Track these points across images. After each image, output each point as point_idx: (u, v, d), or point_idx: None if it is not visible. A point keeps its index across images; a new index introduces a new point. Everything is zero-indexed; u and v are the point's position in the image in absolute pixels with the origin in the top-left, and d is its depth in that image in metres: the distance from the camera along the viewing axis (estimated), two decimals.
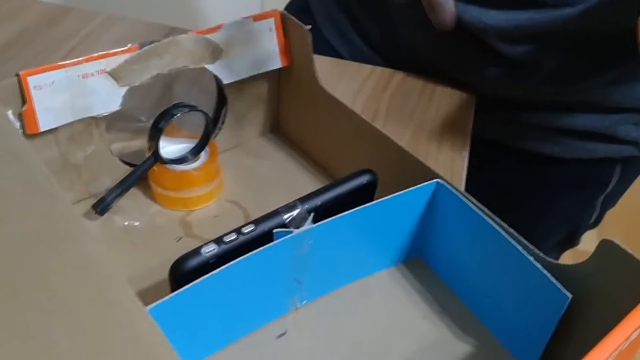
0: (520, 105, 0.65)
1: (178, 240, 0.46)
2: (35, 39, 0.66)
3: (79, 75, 0.41)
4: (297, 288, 0.40)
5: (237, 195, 0.50)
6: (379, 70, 0.68)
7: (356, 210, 0.38)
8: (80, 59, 0.41)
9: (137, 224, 0.47)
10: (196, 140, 0.48)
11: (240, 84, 0.50)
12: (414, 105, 0.64)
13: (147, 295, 0.40)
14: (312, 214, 0.38)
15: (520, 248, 0.36)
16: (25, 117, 0.40)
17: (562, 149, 0.66)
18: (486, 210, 0.39)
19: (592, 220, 0.75)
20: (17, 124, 0.41)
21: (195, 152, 0.48)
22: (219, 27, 0.46)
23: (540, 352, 0.38)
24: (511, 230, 0.37)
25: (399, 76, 0.67)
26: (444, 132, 0.60)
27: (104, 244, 0.45)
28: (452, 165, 0.57)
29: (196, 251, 0.35)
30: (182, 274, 0.34)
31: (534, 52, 0.57)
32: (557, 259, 0.77)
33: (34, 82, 0.40)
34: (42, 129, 0.41)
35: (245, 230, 0.36)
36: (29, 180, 0.33)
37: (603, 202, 0.72)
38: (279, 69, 0.51)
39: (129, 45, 0.43)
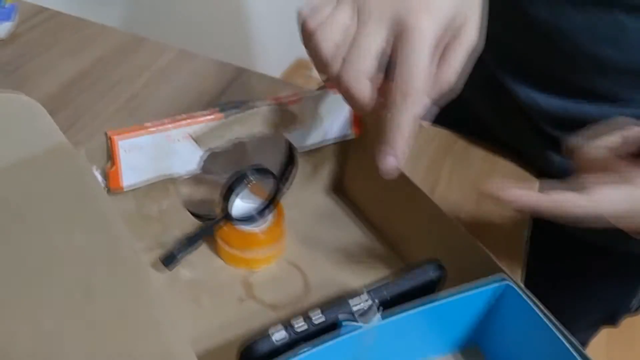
0: None
1: (240, 302, 0.47)
2: (108, 70, 0.68)
3: (164, 139, 0.43)
4: None
5: (298, 258, 0.51)
6: (444, 133, 0.68)
7: (425, 308, 0.38)
8: (168, 124, 0.43)
9: (201, 278, 0.48)
10: (263, 200, 0.49)
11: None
12: (476, 172, 0.64)
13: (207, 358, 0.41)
14: (380, 306, 0.38)
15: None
16: (111, 175, 0.42)
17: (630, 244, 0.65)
18: (552, 318, 0.39)
19: (634, 306, 0.73)
20: (101, 180, 0.42)
21: (263, 212, 0.49)
22: (299, 99, 0.47)
23: None
24: (577, 344, 0.37)
25: (461, 142, 0.67)
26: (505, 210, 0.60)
27: (170, 298, 0.46)
28: (511, 244, 0.56)
29: (266, 337, 0.35)
30: (252, 358, 0.35)
31: None
32: (593, 334, 0.76)
33: (124, 146, 0.41)
34: (125, 187, 0.43)
35: (315, 320, 0.37)
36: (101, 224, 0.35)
37: None
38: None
39: (213, 115, 0.44)
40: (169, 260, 0.47)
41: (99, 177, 0.42)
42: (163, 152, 0.43)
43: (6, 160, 0.38)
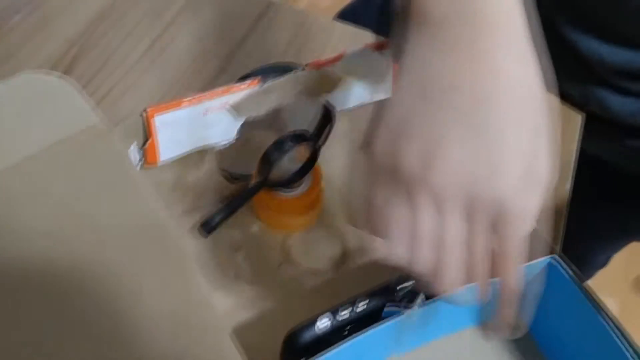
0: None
1: (279, 267, 0.47)
2: (129, 7, 0.65)
3: (200, 112, 0.41)
4: (394, 346, 0.41)
5: (336, 220, 0.50)
6: None
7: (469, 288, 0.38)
8: (205, 95, 0.41)
9: (239, 244, 0.48)
10: (301, 162, 0.48)
11: None
12: None
13: (246, 329, 0.42)
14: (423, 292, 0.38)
15: (623, 347, 0.36)
16: (148, 150, 0.41)
17: None
18: (597, 298, 0.38)
19: None
20: (138, 157, 0.41)
21: (300, 176, 0.48)
22: (338, 58, 0.45)
23: None
24: (620, 325, 0.37)
25: None
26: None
27: (209, 262, 0.47)
28: (554, 199, 0.55)
29: (311, 325, 0.36)
30: (295, 346, 0.36)
31: None
32: (621, 249, 0.77)
33: (159, 121, 0.40)
34: (161, 161, 0.42)
35: (359, 307, 0.37)
36: (141, 212, 0.34)
37: None
38: None
39: (250, 80, 0.42)
40: (207, 227, 0.47)
41: (136, 154, 0.41)
42: (200, 125, 0.42)
43: (40, 144, 0.37)
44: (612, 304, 1.12)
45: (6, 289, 0.32)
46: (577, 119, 0.61)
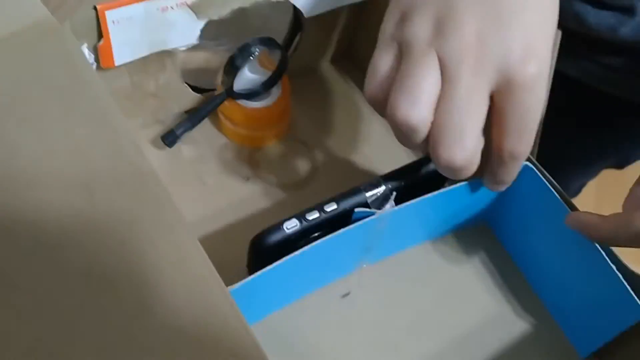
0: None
1: (246, 180, 0.45)
2: None
3: (158, 9, 0.38)
4: (366, 253, 0.40)
5: (305, 133, 0.49)
6: None
7: (440, 193, 0.37)
8: None
9: (205, 157, 0.46)
10: (268, 72, 0.46)
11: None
12: None
13: (215, 240, 0.41)
14: (394, 194, 0.37)
15: (603, 253, 0.36)
16: (101, 51, 0.38)
17: None
18: (570, 201, 0.38)
19: None
20: (92, 58, 0.38)
21: (268, 86, 0.46)
22: None
23: (596, 348, 0.39)
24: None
25: None
26: None
27: (173, 177, 0.45)
28: None
29: (279, 227, 0.34)
30: (263, 248, 0.34)
31: None
32: (595, 176, 0.78)
33: (112, 16, 0.37)
34: (117, 63, 0.39)
35: (328, 209, 0.35)
36: (96, 114, 0.32)
37: None
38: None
39: None
40: (169, 137, 0.44)
41: (88, 54, 0.38)
42: (157, 24, 0.39)
43: None
44: None
45: None
46: (556, 34, 0.59)
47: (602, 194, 1.04)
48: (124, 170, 0.31)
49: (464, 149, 0.30)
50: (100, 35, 0.38)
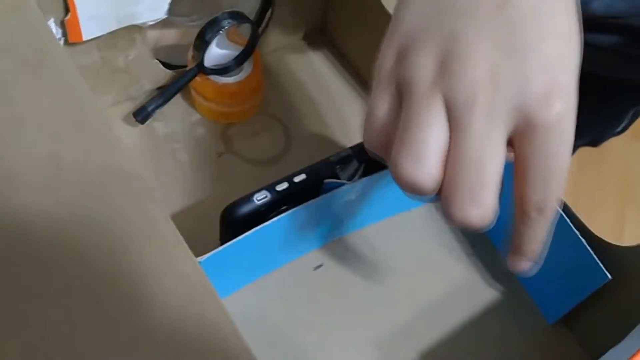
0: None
1: (219, 157, 0.46)
2: None
3: None
4: (337, 225, 0.41)
5: (278, 109, 0.49)
6: None
7: None
8: None
9: (177, 133, 0.46)
10: (239, 47, 0.46)
11: None
12: None
13: (187, 216, 0.41)
14: (363, 165, 0.37)
15: (568, 220, 0.36)
16: (69, 26, 0.38)
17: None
18: None
19: (619, 130, 0.74)
20: (59, 33, 0.38)
21: (239, 62, 0.46)
22: None
23: (563, 314, 0.40)
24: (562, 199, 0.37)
25: None
26: None
27: (146, 153, 0.45)
28: None
29: (249, 198, 0.35)
30: (233, 219, 0.35)
31: None
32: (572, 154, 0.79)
33: None
34: (85, 38, 0.39)
35: (297, 179, 0.36)
36: (62, 87, 0.32)
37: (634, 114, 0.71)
38: None
39: None
40: (141, 114, 0.44)
41: (55, 29, 0.38)
42: None
43: None
44: None
45: None
46: None
47: (581, 170, 1.06)
48: (92, 141, 0.31)
49: (480, 207, 0.26)
50: (67, 9, 0.37)
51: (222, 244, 0.38)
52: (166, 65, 0.46)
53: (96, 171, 0.31)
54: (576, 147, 0.78)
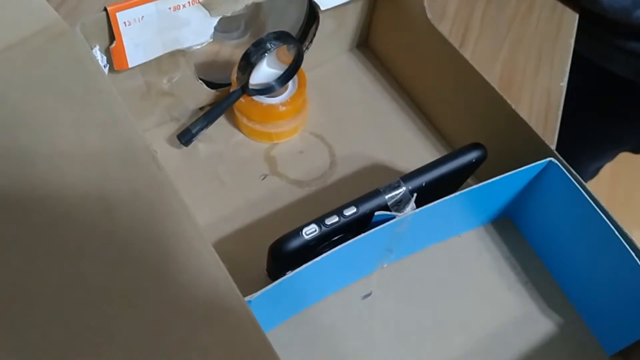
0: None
1: (263, 179, 0.45)
2: None
3: (169, 8, 0.37)
4: (386, 255, 0.40)
5: (322, 128, 0.48)
6: None
7: (462, 194, 0.36)
8: None
9: (221, 154, 0.45)
10: (284, 66, 0.45)
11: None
12: (511, 15, 0.58)
13: (230, 241, 0.40)
14: (414, 195, 0.36)
15: (630, 250, 0.35)
16: (114, 53, 0.37)
17: None
18: (597, 198, 0.37)
19: None
20: (104, 60, 0.38)
21: (283, 81, 0.45)
22: None
23: (624, 346, 0.38)
24: (619, 225, 0.35)
25: None
26: (543, 51, 0.55)
27: (190, 175, 0.44)
28: (549, 97, 0.53)
29: (298, 232, 0.34)
30: (282, 254, 0.34)
31: None
32: (612, 159, 0.77)
33: (123, 17, 0.36)
34: (131, 65, 0.38)
35: (347, 212, 0.35)
36: (109, 123, 0.32)
37: None
38: None
39: None
40: (186, 136, 0.44)
41: (100, 57, 0.37)
42: (170, 23, 0.38)
43: None
44: None
45: None
46: (574, 17, 0.58)
47: (616, 176, 1.02)
48: (140, 180, 0.31)
49: None
50: (112, 37, 0.37)
51: (270, 275, 0.38)
52: (208, 84, 0.45)
53: (146, 212, 0.30)
54: (617, 152, 0.75)
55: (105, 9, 0.35)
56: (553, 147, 0.39)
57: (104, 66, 0.38)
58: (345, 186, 0.45)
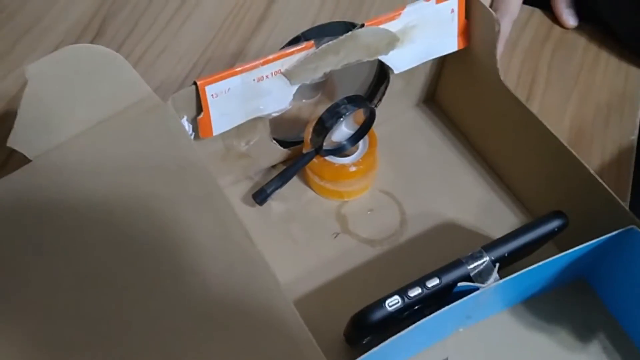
0: None
1: (335, 237, 0.45)
2: None
3: (254, 79, 0.39)
4: (465, 320, 0.40)
5: (391, 185, 0.48)
6: (538, 15, 0.61)
7: (547, 263, 0.36)
8: (257, 62, 0.38)
9: (293, 213, 0.46)
10: (355, 125, 0.46)
11: None
12: (578, 65, 0.57)
13: (306, 303, 0.41)
14: (497, 265, 0.36)
15: None
16: (201, 123, 0.39)
17: None
18: None
19: None
20: (190, 129, 0.39)
21: (354, 141, 0.46)
22: (397, 14, 0.41)
23: None
24: None
25: (559, 28, 0.60)
26: (611, 104, 0.55)
27: (264, 234, 0.45)
28: (619, 151, 0.52)
29: (380, 304, 0.34)
30: (365, 325, 0.34)
31: None
32: None
33: (211, 90, 0.37)
34: (215, 133, 0.40)
35: (430, 284, 0.35)
36: (203, 199, 0.33)
37: None
38: None
39: (304, 43, 0.39)
40: (260, 196, 0.45)
41: (187, 126, 0.39)
42: (253, 93, 0.39)
43: (94, 117, 0.35)
44: None
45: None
46: None
47: None
48: (235, 255, 0.32)
49: None
50: (199, 108, 0.38)
51: (348, 340, 0.38)
52: (280, 143, 0.46)
53: (240, 288, 0.31)
54: None
55: (195, 83, 0.37)
56: (626, 204, 0.38)
57: (190, 134, 0.39)
58: (416, 246, 0.45)
